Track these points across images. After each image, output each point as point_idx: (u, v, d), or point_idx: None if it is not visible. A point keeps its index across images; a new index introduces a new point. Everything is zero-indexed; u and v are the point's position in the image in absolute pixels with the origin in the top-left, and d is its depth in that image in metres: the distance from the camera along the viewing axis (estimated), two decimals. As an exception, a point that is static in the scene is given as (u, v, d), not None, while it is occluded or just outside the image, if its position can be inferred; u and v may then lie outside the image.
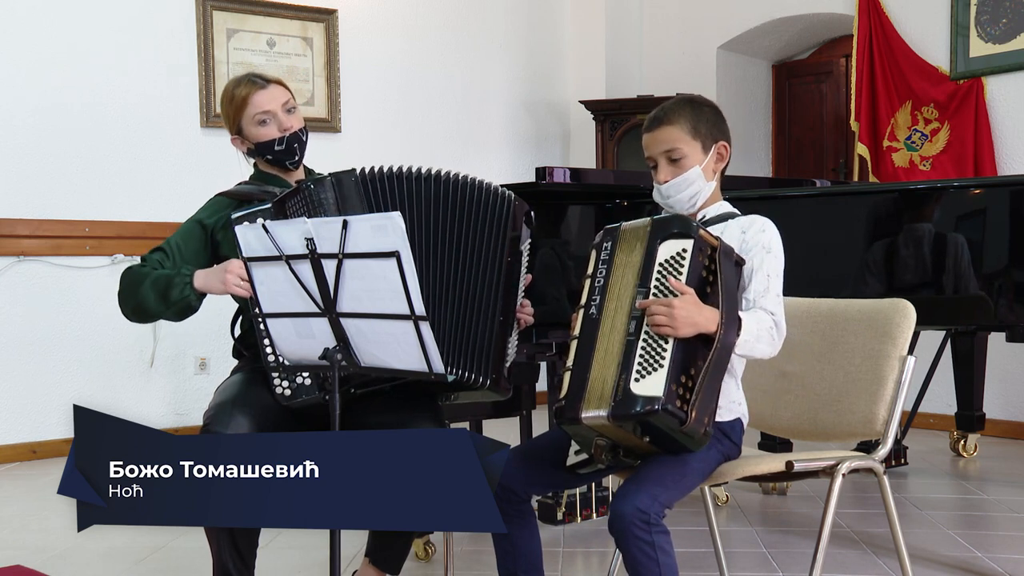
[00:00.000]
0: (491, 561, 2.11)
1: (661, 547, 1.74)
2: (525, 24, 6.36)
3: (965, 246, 3.23)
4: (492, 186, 2.17)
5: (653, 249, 1.83)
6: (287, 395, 2.11)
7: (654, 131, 2.03)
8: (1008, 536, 3.25)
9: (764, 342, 1.90)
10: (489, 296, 2.13)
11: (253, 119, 2.29)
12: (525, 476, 2.01)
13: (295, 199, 2.11)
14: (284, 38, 5.38)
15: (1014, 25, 4.81)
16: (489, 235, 2.13)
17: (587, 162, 6.18)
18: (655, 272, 1.82)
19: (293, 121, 2.32)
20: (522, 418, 3.41)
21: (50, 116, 4.74)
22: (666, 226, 1.85)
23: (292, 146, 2.31)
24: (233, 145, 2.37)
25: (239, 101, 2.30)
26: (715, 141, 2.03)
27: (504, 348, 2.16)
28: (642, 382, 1.75)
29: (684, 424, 1.74)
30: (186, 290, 2.15)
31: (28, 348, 4.70)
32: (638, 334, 1.79)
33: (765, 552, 3.05)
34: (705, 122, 2.02)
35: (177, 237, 2.30)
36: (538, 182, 3.26)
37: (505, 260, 2.13)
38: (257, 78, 2.33)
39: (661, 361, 1.76)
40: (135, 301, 2.21)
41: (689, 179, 2.01)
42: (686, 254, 1.82)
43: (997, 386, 4.76)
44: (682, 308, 1.76)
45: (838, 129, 6.08)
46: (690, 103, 2.05)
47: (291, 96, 2.36)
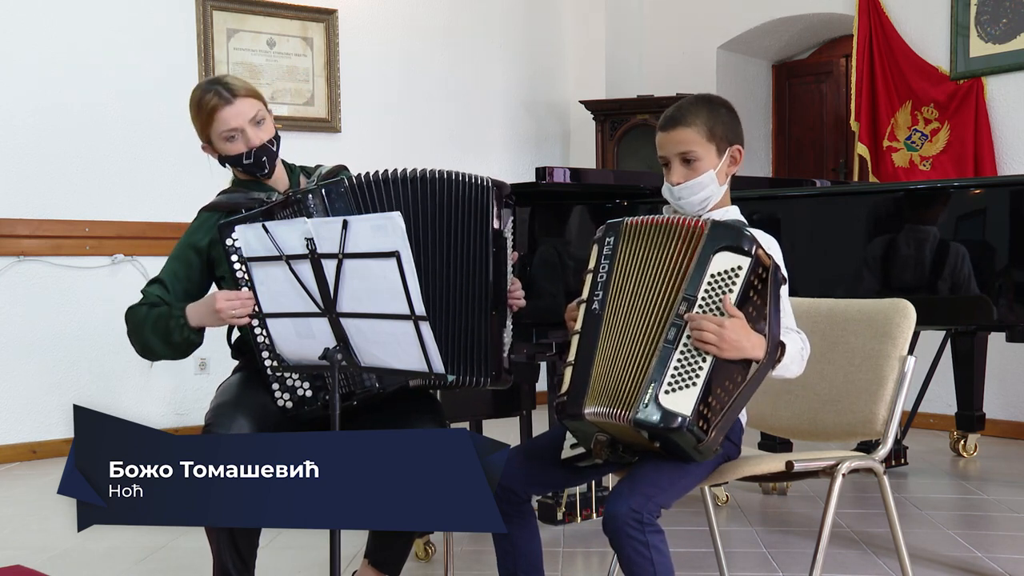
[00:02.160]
0: (491, 561, 2.11)
1: (655, 547, 1.74)
2: (525, 24, 6.36)
3: (965, 246, 3.23)
4: (467, 177, 2.15)
5: (706, 258, 1.77)
6: (289, 407, 2.11)
7: (669, 131, 1.99)
8: (1008, 536, 3.25)
9: (796, 363, 1.91)
10: (480, 292, 2.13)
11: (219, 135, 2.22)
12: (525, 476, 2.01)
13: (285, 211, 2.08)
14: (284, 38, 5.38)
15: (1014, 25, 4.81)
16: (472, 229, 2.13)
17: (587, 162, 6.18)
18: (705, 283, 1.77)
19: (262, 134, 2.22)
20: (522, 418, 3.41)
21: (50, 116, 4.75)
22: (724, 236, 1.79)
23: (260, 159, 2.23)
24: (204, 152, 2.32)
25: (205, 115, 2.22)
26: (730, 144, 1.99)
27: (501, 341, 2.16)
28: (672, 395, 1.72)
29: (701, 443, 1.74)
30: (185, 331, 2.14)
31: (28, 348, 4.70)
32: (676, 343, 1.75)
33: (765, 552, 3.05)
34: (721, 124, 1.98)
35: (172, 264, 2.26)
36: (538, 182, 3.26)
37: (491, 252, 2.13)
38: (224, 90, 2.20)
39: (695, 379, 1.73)
40: (141, 345, 2.21)
41: (703, 183, 1.97)
42: (740, 272, 1.76)
43: (997, 386, 4.76)
44: (732, 331, 1.73)
45: (838, 129, 6.08)
46: (708, 103, 2.01)
47: (262, 105, 2.25)
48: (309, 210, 2.06)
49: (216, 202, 2.29)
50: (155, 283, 2.25)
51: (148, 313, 2.19)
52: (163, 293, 2.23)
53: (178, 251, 2.28)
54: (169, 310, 2.17)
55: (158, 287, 2.24)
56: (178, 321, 2.14)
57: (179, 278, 2.25)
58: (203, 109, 2.22)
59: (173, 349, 2.19)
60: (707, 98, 2.04)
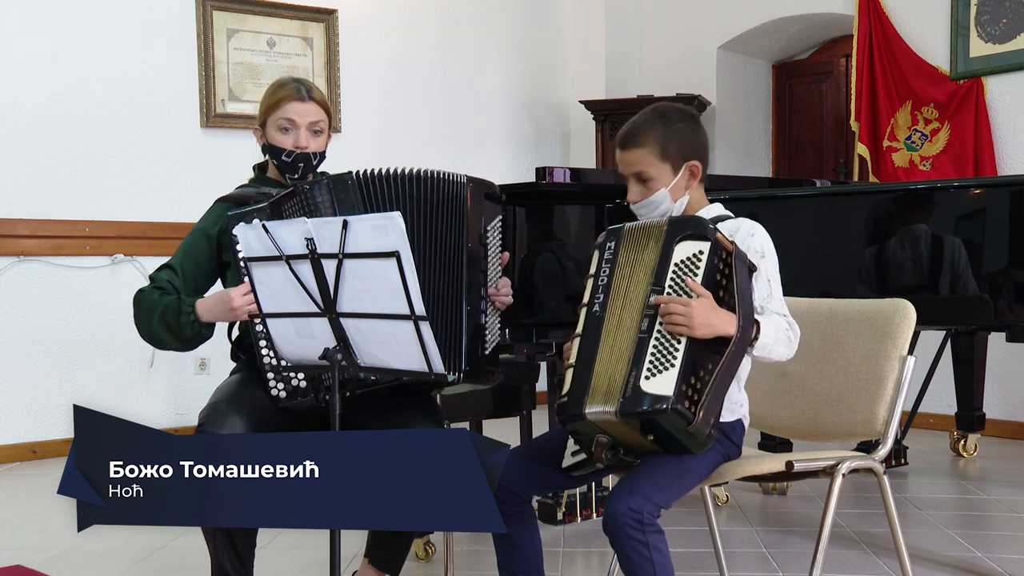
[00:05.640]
0: (491, 561, 2.11)
1: (655, 546, 1.74)
2: (525, 24, 6.36)
3: (965, 246, 3.23)
4: (444, 175, 2.20)
5: (669, 249, 1.83)
6: (282, 397, 2.11)
7: (623, 152, 2.04)
8: (1008, 536, 3.25)
9: (782, 344, 1.91)
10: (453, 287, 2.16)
11: (277, 122, 2.27)
12: (525, 476, 2.01)
13: (292, 201, 2.13)
14: (284, 38, 5.38)
15: (1014, 25, 4.81)
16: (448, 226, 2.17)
17: (587, 162, 6.19)
18: (671, 271, 1.82)
19: (313, 143, 2.28)
20: (522, 418, 3.41)
21: (50, 116, 4.74)
22: (683, 227, 1.85)
23: (298, 164, 2.27)
24: (254, 135, 2.37)
25: (274, 101, 2.29)
26: (685, 160, 2.01)
27: (478, 337, 2.17)
28: (653, 380, 1.75)
29: (690, 424, 1.75)
30: (195, 327, 2.17)
31: (28, 348, 4.70)
32: (651, 331, 1.79)
33: (765, 552, 3.05)
34: (676, 142, 2.00)
35: (183, 251, 2.30)
36: (538, 182, 3.26)
37: (465, 247, 2.15)
38: (304, 88, 2.29)
39: (673, 360, 1.76)
40: (148, 331, 2.23)
41: (656, 201, 2.01)
42: (702, 256, 1.81)
43: (997, 386, 4.76)
44: (700, 309, 1.76)
45: (838, 129, 6.08)
46: (662, 120, 2.01)
47: (325, 119, 2.32)
48: (316, 201, 2.10)
49: (230, 194, 2.35)
50: (165, 268, 2.28)
51: (158, 302, 2.20)
52: (173, 278, 2.26)
53: (190, 238, 2.32)
54: (179, 304, 2.18)
55: (168, 272, 2.27)
56: (188, 316, 2.16)
57: (189, 263, 2.28)
58: (276, 94, 2.30)
59: (183, 342, 2.21)
60: (662, 113, 2.03)
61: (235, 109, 5.19)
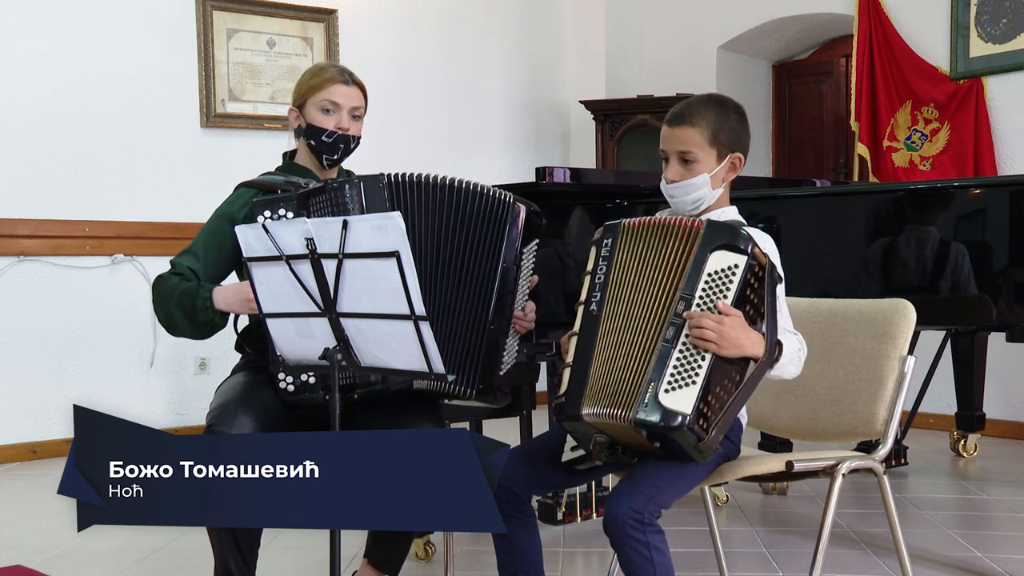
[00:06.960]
0: (491, 561, 2.11)
1: (656, 547, 1.74)
2: (525, 24, 6.36)
3: (965, 246, 3.23)
4: (490, 191, 2.18)
5: (703, 257, 1.78)
6: (290, 391, 2.10)
7: (674, 128, 1.98)
8: (1008, 536, 3.25)
9: (794, 364, 1.91)
10: (480, 303, 2.14)
11: (320, 103, 2.29)
12: (525, 476, 2.01)
13: (320, 197, 2.10)
14: (284, 38, 5.38)
15: (1014, 25, 4.81)
16: (486, 242, 2.14)
17: (587, 162, 6.18)
18: (702, 282, 1.77)
19: (353, 126, 2.32)
20: (522, 418, 3.40)
21: (50, 116, 4.74)
22: (720, 235, 1.79)
23: (338, 145, 2.30)
24: (288, 116, 2.36)
25: (318, 82, 2.30)
26: (732, 151, 1.99)
27: (496, 357, 2.16)
28: (672, 394, 1.73)
29: (701, 442, 1.74)
30: (209, 312, 2.15)
31: (28, 348, 4.70)
32: (675, 342, 1.75)
33: (765, 552, 3.05)
34: (727, 130, 1.97)
35: (206, 235, 2.26)
36: (538, 182, 3.26)
37: (499, 266, 2.14)
38: (347, 73, 2.33)
39: (695, 376, 1.73)
40: (165, 316, 2.21)
41: (696, 184, 1.97)
42: (737, 270, 1.77)
43: (997, 386, 4.76)
44: (732, 328, 1.73)
45: (838, 129, 6.08)
46: (718, 105, 1.99)
47: (364, 106, 2.36)
48: (344, 200, 2.07)
49: (255, 180, 2.32)
50: (186, 254, 2.25)
51: (176, 285, 2.18)
52: (193, 263, 2.23)
53: (211, 223, 2.29)
54: (197, 289, 2.16)
55: (189, 257, 2.24)
56: (204, 302, 2.14)
57: (211, 249, 2.25)
58: (319, 76, 2.32)
59: (196, 328, 2.19)
60: (719, 100, 2.02)
61: (235, 109, 5.20)
